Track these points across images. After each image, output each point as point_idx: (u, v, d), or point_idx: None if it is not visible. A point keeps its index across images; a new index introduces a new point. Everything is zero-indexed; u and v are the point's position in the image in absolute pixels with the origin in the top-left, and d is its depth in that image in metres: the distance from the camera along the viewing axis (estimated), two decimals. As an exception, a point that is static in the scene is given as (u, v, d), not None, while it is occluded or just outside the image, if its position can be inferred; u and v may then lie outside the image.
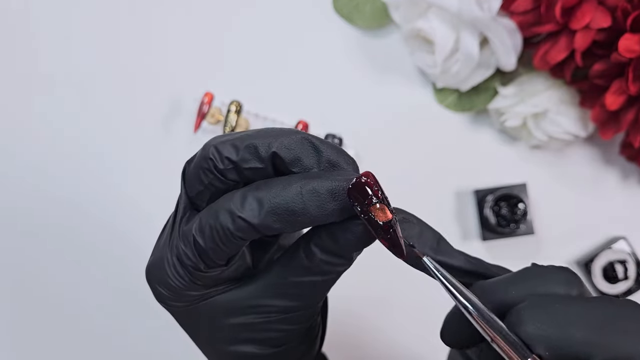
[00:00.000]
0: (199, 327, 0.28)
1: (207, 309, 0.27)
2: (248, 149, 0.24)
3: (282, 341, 0.27)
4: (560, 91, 0.54)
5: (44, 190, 0.58)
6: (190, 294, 0.27)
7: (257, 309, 0.27)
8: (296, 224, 0.23)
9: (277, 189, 0.23)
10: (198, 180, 0.26)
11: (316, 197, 0.23)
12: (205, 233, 0.24)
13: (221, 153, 0.24)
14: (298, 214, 0.23)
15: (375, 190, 0.23)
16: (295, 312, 0.27)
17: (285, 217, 0.23)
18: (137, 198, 0.58)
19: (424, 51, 0.56)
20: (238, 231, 0.24)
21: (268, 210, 0.23)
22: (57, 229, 0.58)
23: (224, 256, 0.25)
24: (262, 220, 0.23)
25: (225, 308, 0.27)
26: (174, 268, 0.26)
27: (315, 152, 0.24)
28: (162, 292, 0.27)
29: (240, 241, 0.24)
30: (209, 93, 0.55)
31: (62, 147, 0.58)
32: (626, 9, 0.47)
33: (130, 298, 0.57)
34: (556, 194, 0.57)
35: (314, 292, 0.26)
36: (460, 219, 0.57)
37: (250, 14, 0.59)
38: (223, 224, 0.24)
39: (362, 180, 0.23)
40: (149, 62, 0.59)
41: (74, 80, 0.59)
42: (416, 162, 0.58)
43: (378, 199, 0.23)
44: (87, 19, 0.60)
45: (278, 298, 0.26)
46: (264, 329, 0.27)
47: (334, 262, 0.25)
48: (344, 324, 0.56)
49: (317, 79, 0.59)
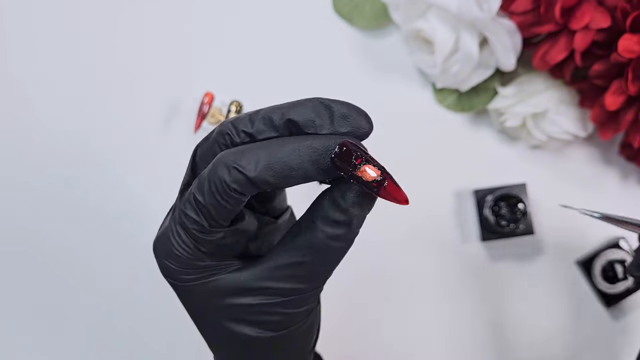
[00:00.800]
0: (200, 306, 0.28)
1: (210, 289, 0.27)
2: (263, 120, 0.25)
3: (282, 325, 0.28)
4: (559, 91, 0.54)
5: (44, 191, 0.58)
6: (196, 264, 0.27)
7: (259, 291, 0.27)
8: (291, 179, 0.24)
9: (275, 145, 0.24)
10: (213, 154, 0.26)
11: (312, 152, 0.24)
12: (204, 188, 0.25)
13: (237, 127, 0.26)
14: (294, 168, 0.24)
15: (357, 153, 0.24)
16: (297, 294, 0.27)
17: (281, 171, 0.24)
18: (138, 198, 0.58)
19: (423, 51, 0.56)
20: (234, 183, 0.24)
21: (265, 164, 0.24)
22: (57, 230, 0.58)
23: (225, 214, 0.25)
24: (259, 173, 0.24)
25: (227, 289, 0.27)
26: (178, 237, 0.26)
27: (327, 110, 0.25)
28: (168, 265, 0.27)
29: (238, 195, 0.25)
30: (209, 93, 0.55)
31: (62, 147, 0.58)
32: (626, 9, 0.47)
33: (130, 298, 0.57)
34: (556, 194, 0.57)
35: (318, 272, 0.27)
36: (460, 219, 0.57)
37: (250, 14, 0.59)
38: (220, 176, 0.24)
39: (341, 149, 0.24)
40: (149, 62, 0.59)
41: (73, 80, 0.59)
42: (416, 162, 0.58)
43: (361, 160, 0.24)
44: (87, 19, 0.60)
45: (282, 280, 0.27)
46: (265, 311, 0.27)
47: (338, 234, 0.25)
48: (339, 323, 0.57)
49: (317, 79, 0.59)
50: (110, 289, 0.58)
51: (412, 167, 0.58)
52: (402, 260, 0.57)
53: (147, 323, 0.57)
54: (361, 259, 0.57)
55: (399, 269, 0.57)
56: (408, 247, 0.57)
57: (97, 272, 0.58)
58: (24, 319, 0.58)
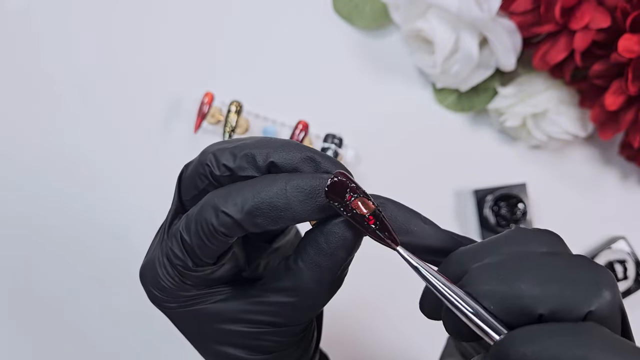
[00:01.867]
0: (191, 329, 0.28)
1: (199, 314, 0.27)
2: (245, 158, 0.24)
3: (273, 349, 0.27)
4: (559, 91, 0.54)
5: (44, 192, 0.58)
6: (181, 294, 0.27)
7: (247, 321, 0.27)
8: (279, 220, 0.23)
9: (261, 185, 0.24)
10: (194, 185, 0.26)
11: (299, 193, 0.23)
12: (191, 229, 0.25)
13: (218, 160, 0.25)
14: (281, 209, 0.23)
15: (352, 186, 0.23)
16: (285, 327, 0.27)
17: (268, 212, 0.23)
18: (138, 198, 0.58)
19: (423, 51, 0.56)
20: (221, 226, 0.24)
21: (252, 205, 0.23)
22: (57, 231, 0.58)
23: (211, 253, 0.25)
24: (245, 215, 0.23)
25: (215, 315, 0.27)
26: (164, 268, 0.26)
27: (312, 163, 0.24)
28: (155, 293, 0.27)
29: (225, 237, 0.24)
30: (209, 93, 0.55)
31: (62, 148, 0.58)
32: (625, 9, 0.47)
33: (129, 299, 0.57)
34: (556, 194, 0.57)
35: (305, 310, 0.26)
36: (460, 218, 0.57)
37: (250, 14, 0.59)
38: (207, 219, 0.24)
39: (336, 179, 0.23)
40: (149, 62, 0.59)
41: (74, 81, 0.59)
42: (416, 162, 0.58)
43: (355, 194, 0.23)
44: (88, 20, 0.60)
45: (268, 315, 0.26)
46: (254, 338, 0.27)
47: (323, 279, 0.25)
48: (341, 325, 0.57)
49: (317, 79, 0.59)
50: (110, 290, 0.58)
51: (412, 167, 0.58)
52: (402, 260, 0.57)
53: (147, 326, 0.57)
54: (361, 259, 0.57)
55: (399, 269, 0.57)
56: (408, 247, 0.57)
57: (97, 272, 0.58)
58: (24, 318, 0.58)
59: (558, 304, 0.21)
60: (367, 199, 0.23)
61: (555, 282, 0.21)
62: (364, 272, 0.57)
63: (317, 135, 0.56)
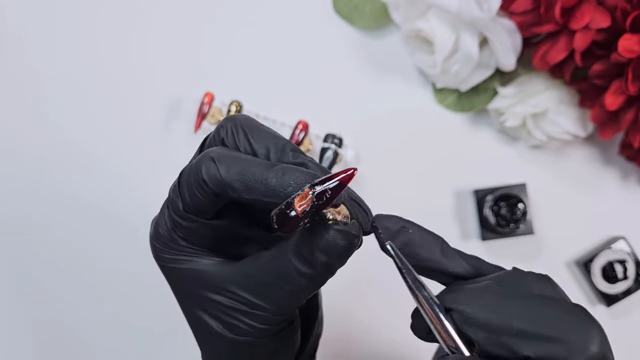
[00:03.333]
0: (181, 288, 0.30)
1: (189, 275, 0.29)
2: (265, 146, 0.27)
3: (244, 333, 0.28)
4: (559, 91, 0.54)
5: (43, 192, 0.58)
6: (174, 246, 0.28)
7: (227, 292, 0.28)
8: (253, 191, 0.25)
9: (254, 159, 0.26)
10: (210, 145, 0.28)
11: (281, 174, 0.25)
12: (184, 173, 0.27)
13: (235, 133, 0.27)
14: (258, 181, 0.25)
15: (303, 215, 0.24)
16: (261, 311, 0.27)
17: (247, 179, 0.25)
18: (137, 198, 0.58)
19: (423, 51, 0.56)
20: (207, 176, 0.26)
21: (238, 169, 0.25)
22: (56, 229, 0.58)
23: (198, 203, 0.27)
24: (228, 174, 0.25)
25: (201, 279, 0.28)
26: (163, 215, 0.29)
27: None
28: (155, 244, 0.29)
29: (208, 190, 0.26)
30: (209, 93, 0.55)
31: (62, 148, 0.58)
32: (626, 9, 0.47)
33: (129, 297, 0.57)
34: (556, 194, 0.57)
35: (282, 299, 0.27)
36: (460, 218, 0.57)
37: (250, 14, 0.59)
38: (199, 166, 0.26)
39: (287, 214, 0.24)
40: (149, 62, 0.59)
41: (74, 80, 0.59)
42: (416, 162, 0.58)
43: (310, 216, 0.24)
44: (88, 20, 0.60)
45: (248, 292, 0.27)
46: (230, 314, 0.28)
47: (305, 272, 0.26)
48: (338, 322, 0.57)
49: (317, 79, 0.59)
50: (112, 289, 0.58)
51: (412, 167, 0.58)
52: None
53: (152, 322, 0.57)
54: (360, 259, 0.57)
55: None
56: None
57: (97, 273, 0.58)
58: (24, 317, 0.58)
59: (547, 352, 0.22)
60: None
61: (550, 329, 0.23)
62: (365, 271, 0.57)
63: (317, 135, 0.56)
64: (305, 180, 0.24)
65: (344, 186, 0.23)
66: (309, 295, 0.27)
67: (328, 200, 0.23)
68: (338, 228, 0.25)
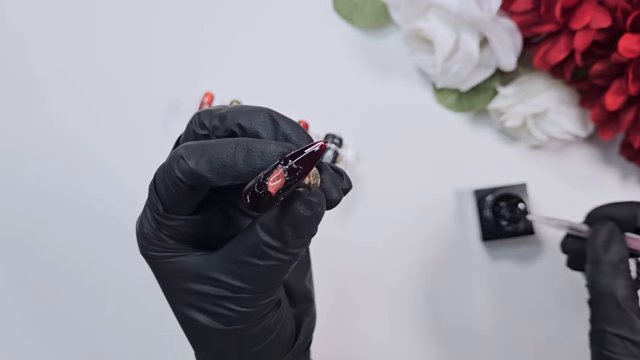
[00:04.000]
0: (166, 287, 0.30)
1: (172, 269, 0.29)
2: (219, 118, 0.27)
3: (231, 321, 0.28)
4: (560, 91, 0.54)
5: (43, 191, 0.58)
6: (160, 244, 0.29)
7: (210, 280, 0.28)
8: (225, 176, 0.25)
9: (219, 143, 0.26)
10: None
11: (246, 154, 0.25)
12: (160, 174, 0.28)
13: (200, 119, 0.28)
14: (227, 166, 0.25)
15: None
16: (245, 293, 0.28)
17: (217, 167, 0.25)
18: (137, 198, 0.58)
19: (424, 51, 0.56)
20: (179, 172, 0.26)
21: (206, 159, 0.25)
22: (56, 229, 0.58)
23: (176, 201, 0.27)
24: (198, 166, 0.25)
25: (184, 271, 0.29)
26: (145, 216, 0.29)
27: (273, 125, 0.27)
28: (142, 243, 0.30)
29: (183, 185, 0.26)
30: (209, 93, 0.55)
31: (62, 146, 0.58)
32: (626, 9, 0.47)
33: (130, 297, 0.57)
34: (556, 194, 0.57)
35: (260, 276, 0.27)
36: (460, 218, 0.57)
37: (250, 14, 0.59)
38: (171, 165, 0.26)
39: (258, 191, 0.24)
40: (149, 62, 0.59)
41: (74, 80, 0.59)
42: (416, 162, 0.58)
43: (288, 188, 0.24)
44: (88, 20, 0.60)
45: (228, 275, 0.27)
46: (215, 303, 0.28)
47: (274, 245, 0.26)
48: (338, 323, 0.57)
49: (317, 79, 0.59)
50: (111, 288, 0.58)
51: (413, 167, 0.58)
52: (402, 261, 0.57)
53: (149, 321, 0.57)
54: (360, 259, 0.57)
55: (399, 269, 0.57)
56: (408, 248, 0.57)
57: (97, 272, 0.58)
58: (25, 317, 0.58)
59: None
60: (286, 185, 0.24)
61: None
62: (365, 271, 0.57)
63: (317, 135, 0.55)
64: (273, 156, 0.25)
65: (316, 159, 0.24)
66: (287, 269, 0.28)
67: (301, 175, 0.23)
68: (302, 199, 0.25)
